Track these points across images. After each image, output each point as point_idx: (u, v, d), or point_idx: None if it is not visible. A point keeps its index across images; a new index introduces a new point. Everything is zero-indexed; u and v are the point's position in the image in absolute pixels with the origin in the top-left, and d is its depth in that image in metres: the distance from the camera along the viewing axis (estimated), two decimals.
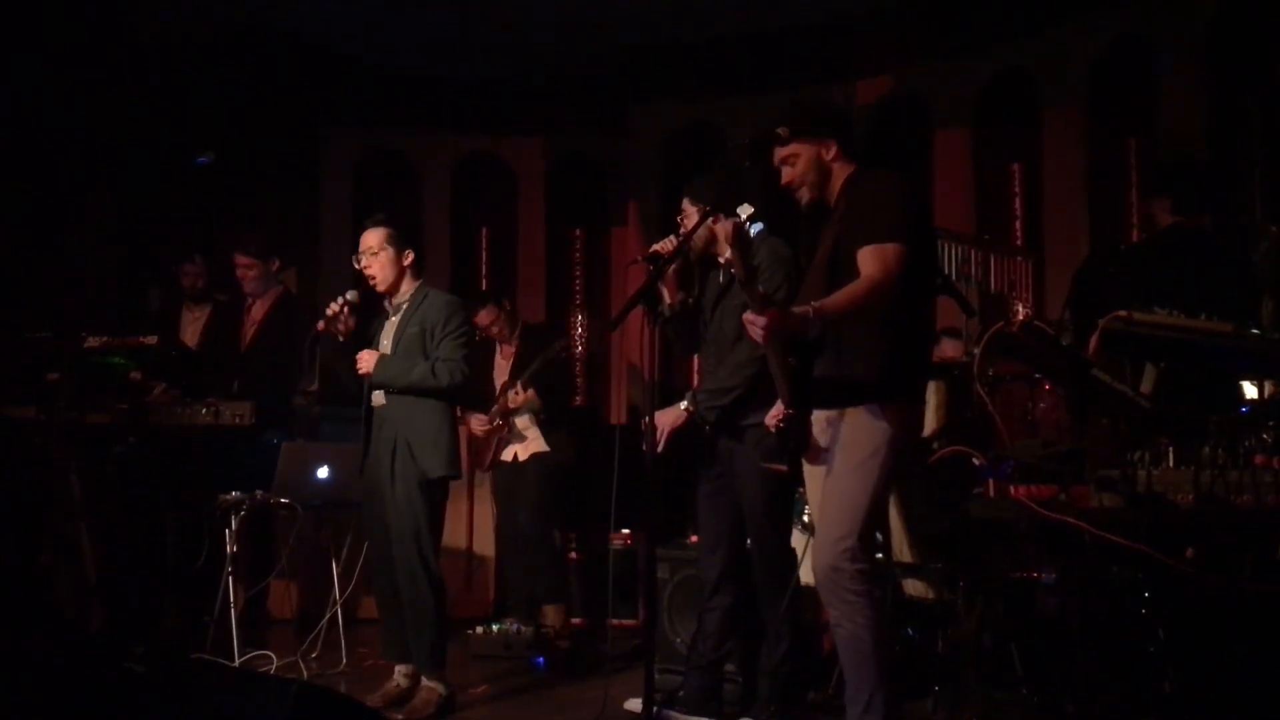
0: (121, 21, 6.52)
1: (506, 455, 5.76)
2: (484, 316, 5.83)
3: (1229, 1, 5.65)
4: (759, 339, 2.77)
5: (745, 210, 3.08)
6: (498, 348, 5.91)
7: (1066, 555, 3.35)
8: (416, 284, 4.27)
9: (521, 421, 5.72)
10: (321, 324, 4.19)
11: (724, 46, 7.21)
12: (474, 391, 5.89)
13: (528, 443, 5.73)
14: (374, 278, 4.20)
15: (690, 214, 3.80)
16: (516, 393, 5.58)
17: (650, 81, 7.59)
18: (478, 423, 5.76)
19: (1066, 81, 6.39)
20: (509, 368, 5.79)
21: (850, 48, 7.01)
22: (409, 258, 4.22)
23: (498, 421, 5.71)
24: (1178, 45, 5.86)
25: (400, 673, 4.24)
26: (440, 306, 4.19)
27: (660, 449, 3.74)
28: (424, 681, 4.13)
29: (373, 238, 4.20)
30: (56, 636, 4.56)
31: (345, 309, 4.14)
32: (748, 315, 2.74)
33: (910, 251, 2.91)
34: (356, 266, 4.23)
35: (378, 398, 4.19)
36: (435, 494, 4.17)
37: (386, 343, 4.22)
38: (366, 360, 4.13)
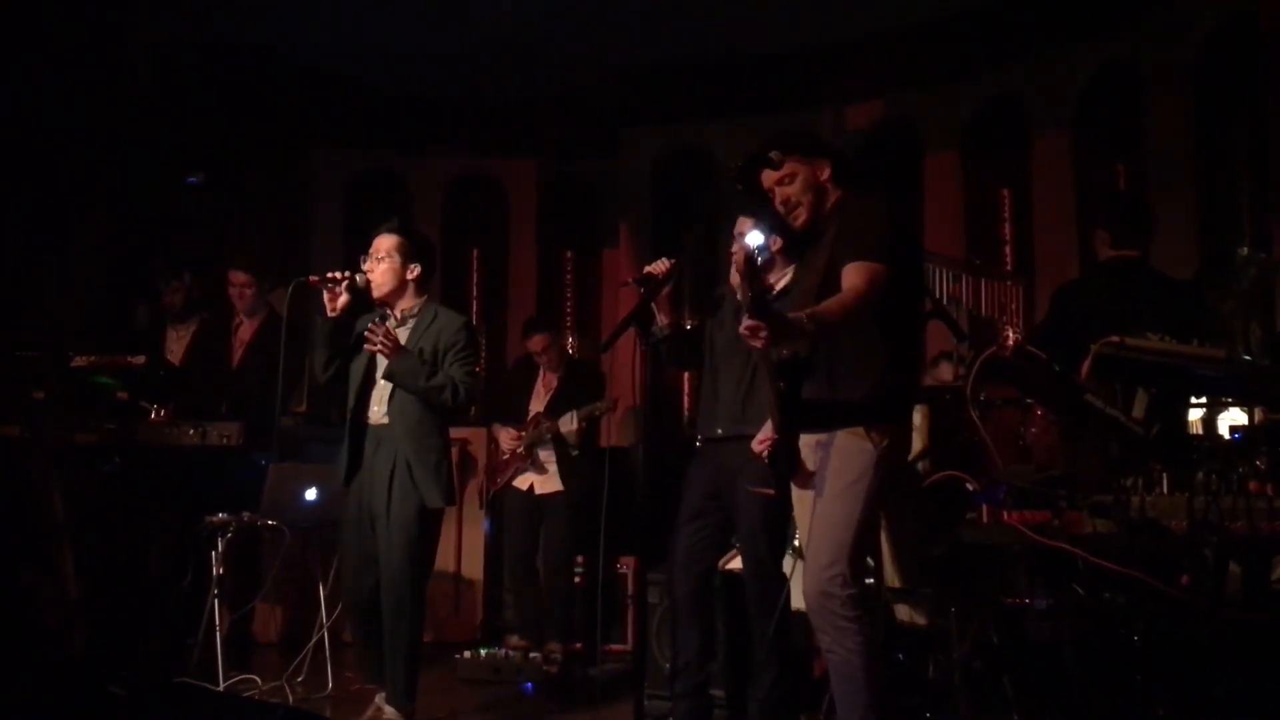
0: (113, 41, 6.52)
1: (520, 483, 5.72)
2: (537, 342, 5.82)
3: (1216, 28, 5.70)
4: (758, 344, 2.76)
5: (755, 239, 3.08)
6: (540, 373, 5.89)
7: (1060, 581, 3.34)
8: (423, 299, 4.16)
9: (545, 453, 5.70)
10: (315, 278, 4.02)
11: (715, 70, 7.26)
12: (504, 407, 5.95)
13: (546, 477, 5.69)
14: (372, 282, 4.05)
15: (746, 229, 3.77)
16: (570, 419, 5.57)
17: (642, 104, 7.63)
18: (507, 436, 5.73)
19: (1055, 107, 6.44)
20: (547, 397, 5.76)
21: (841, 72, 7.06)
22: (414, 272, 4.10)
23: (521, 449, 5.69)
24: (1165, 71, 5.91)
25: (379, 700, 4.11)
26: (456, 327, 4.08)
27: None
28: (385, 710, 3.99)
29: (383, 243, 4.07)
30: (38, 659, 4.52)
31: (346, 283, 4.00)
32: (746, 322, 2.73)
33: (892, 273, 2.92)
34: (363, 266, 4.07)
35: (378, 416, 4.05)
36: (432, 523, 4.06)
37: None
38: (377, 334, 3.87)
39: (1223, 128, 5.71)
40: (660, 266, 3.58)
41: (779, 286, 3.77)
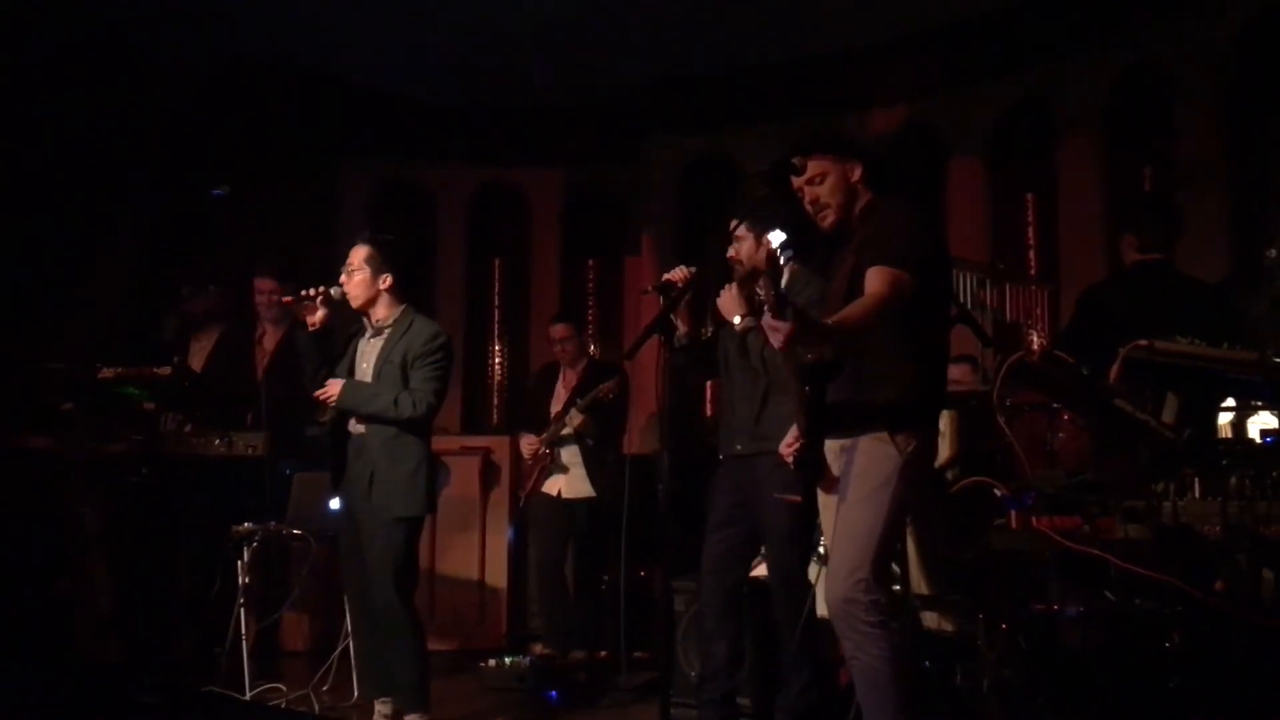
0: (140, 55, 6.59)
1: (550, 488, 5.70)
2: (559, 330, 5.82)
3: (1246, 30, 5.64)
4: (777, 345, 2.74)
5: (778, 238, 3.07)
6: (560, 374, 5.88)
7: (1091, 588, 3.29)
8: (401, 308, 4.18)
9: (568, 453, 5.67)
10: (289, 298, 4.13)
11: (739, 78, 7.25)
12: (527, 414, 5.94)
13: (571, 480, 5.66)
14: (348, 294, 4.13)
15: (744, 236, 3.78)
16: (574, 415, 5.56)
17: (665, 112, 7.63)
18: (527, 444, 5.73)
19: (1082, 111, 6.39)
20: (567, 397, 5.75)
21: (865, 78, 7.03)
22: (386, 281, 4.14)
23: (544, 450, 5.67)
24: (1194, 74, 5.85)
25: (379, 712, 4.14)
26: (426, 338, 4.11)
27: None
28: (406, 718, 4.04)
29: (355, 255, 4.14)
30: (69, 668, 4.55)
31: (321, 299, 4.08)
32: (768, 320, 2.71)
33: (922, 280, 2.90)
34: (340, 279, 4.15)
35: (356, 425, 4.11)
36: (411, 531, 4.08)
37: (367, 365, 4.15)
38: (330, 388, 4.07)
39: (1251, 129, 5.65)
40: (679, 274, 3.57)
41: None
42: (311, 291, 4.08)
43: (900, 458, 2.92)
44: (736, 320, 3.74)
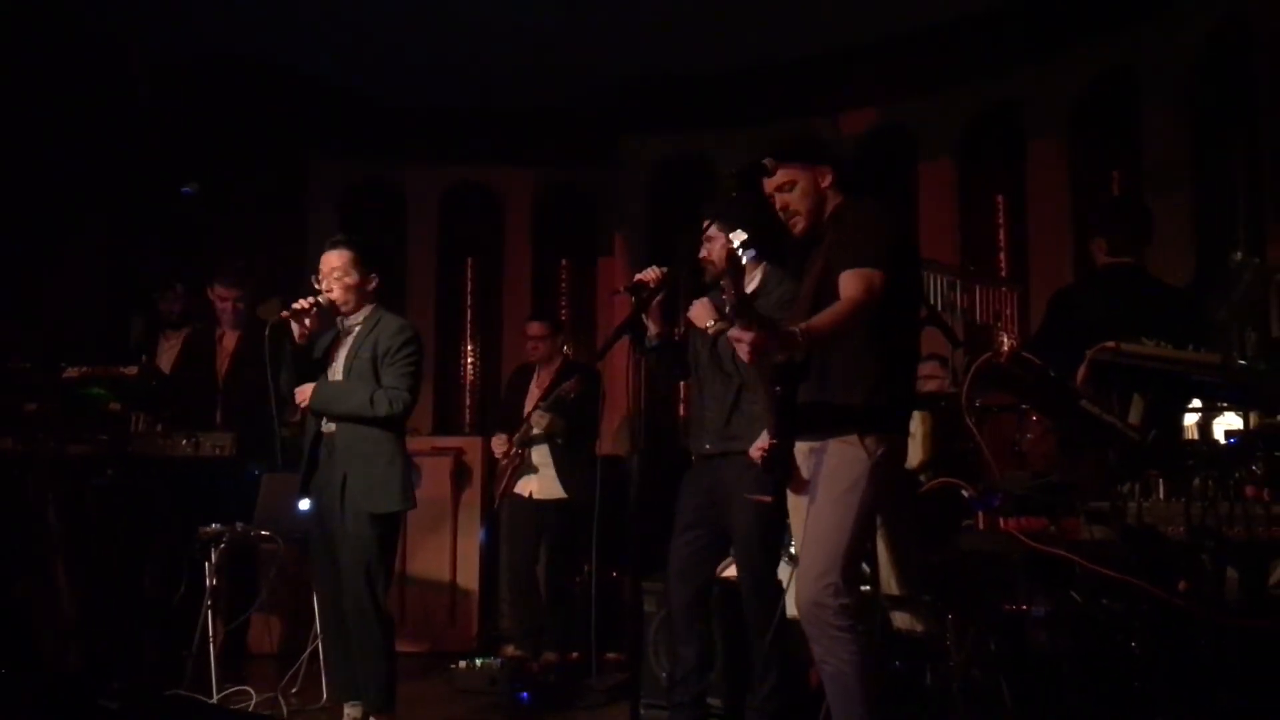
0: (109, 52, 6.51)
1: (522, 489, 5.68)
2: (535, 328, 5.81)
3: (1212, 34, 5.70)
4: (745, 357, 2.75)
5: (738, 236, 3.07)
6: (535, 374, 5.86)
7: (1058, 588, 3.32)
8: (372, 306, 4.16)
9: (538, 453, 5.65)
10: (286, 313, 4.05)
11: (712, 79, 7.26)
12: (501, 415, 5.91)
13: (542, 480, 5.64)
14: (335, 300, 4.08)
15: (715, 235, 3.79)
16: (540, 415, 5.54)
17: (638, 113, 7.63)
18: (498, 443, 5.71)
19: (1051, 114, 6.44)
20: (539, 396, 5.73)
21: (836, 80, 7.06)
22: (373, 282, 4.14)
23: (516, 450, 5.65)
24: (1162, 78, 5.91)
25: (349, 715, 4.11)
26: (393, 332, 4.08)
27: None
28: None
29: (337, 259, 4.08)
30: (31, 673, 4.49)
31: (314, 310, 4.03)
32: (733, 332, 2.72)
33: (891, 280, 2.90)
34: (316, 287, 4.09)
35: (327, 425, 4.07)
36: (386, 528, 4.04)
37: (338, 364, 4.12)
38: (303, 393, 4.04)
39: (1219, 133, 5.71)
40: (651, 274, 3.58)
41: (749, 290, 3.76)
42: (306, 304, 4.03)
43: (870, 460, 2.93)
44: (707, 324, 3.74)
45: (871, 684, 2.89)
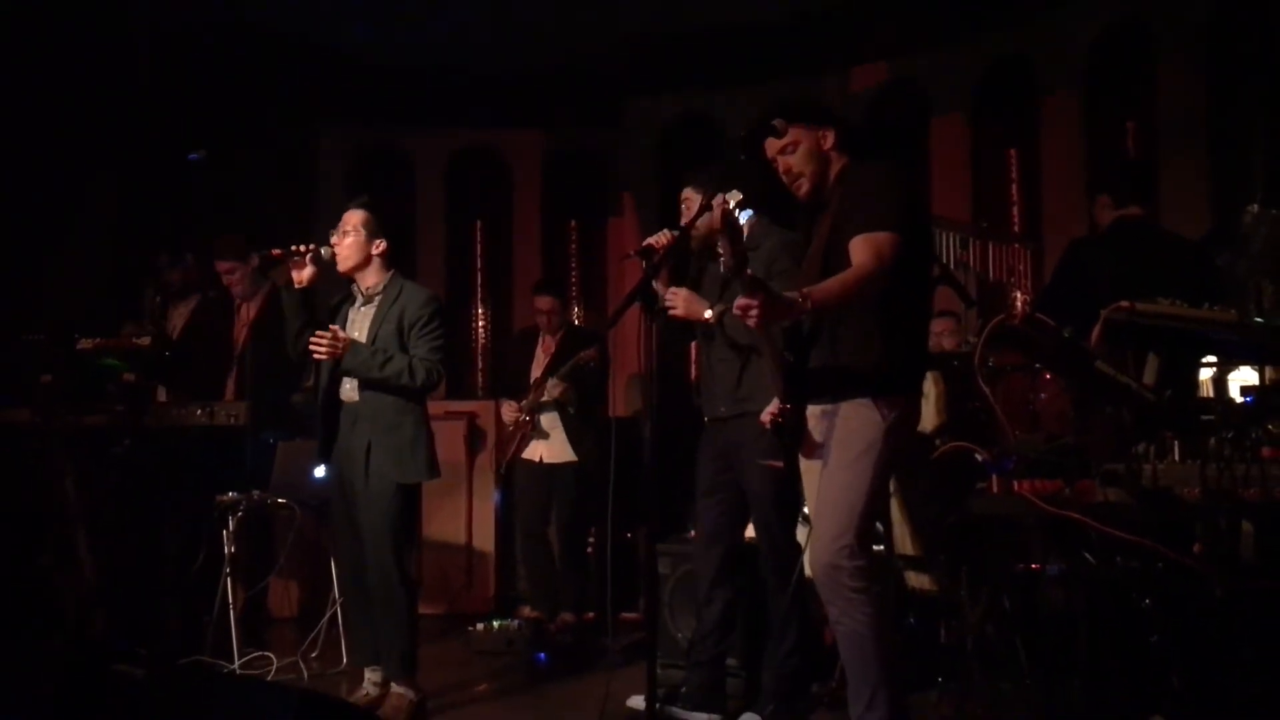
0: (114, 20, 6.47)
1: (530, 454, 5.71)
2: (544, 302, 5.80)
3: None
4: (751, 324, 2.73)
5: (734, 196, 3.04)
6: (540, 340, 5.87)
7: (1072, 550, 3.32)
8: (389, 274, 4.14)
9: (548, 419, 5.67)
10: (278, 251, 4.03)
11: (719, 37, 7.17)
12: (509, 381, 5.92)
13: (552, 445, 5.67)
14: (338, 256, 4.06)
15: (692, 201, 3.76)
16: (555, 384, 5.56)
17: (646, 73, 7.56)
18: (508, 410, 5.73)
19: (1064, 67, 6.36)
20: (546, 363, 5.74)
21: (846, 36, 6.97)
22: (379, 247, 4.10)
23: (525, 417, 5.67)
24: (1177, 28, 5.82)
25: (369, 679, 4.14)
26: (420, 303, 4.07)
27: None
28: (394, 688, 4.03)
29: (351, 218, 4.10)
30: (55, 642, 4.55)
31: (310, 255, 4.01)
32: (739, 301, 2.70)
33: (904, 241, 2.88)
34: (331, 241, 4.09)
35: (350, 393, 4.05)
36: (411, 496, 4.09)
37: (359, 333, 4.08)
38: (339, 342, 3.91)
39: (1235, 85, 5.63)
40: (661, 238, 3.55)
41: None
42: (301, 248, 4.01)
43: (884, 423, 2.91)
44: (707, 314, 3.74)
45: (887, 643, 2.91)
